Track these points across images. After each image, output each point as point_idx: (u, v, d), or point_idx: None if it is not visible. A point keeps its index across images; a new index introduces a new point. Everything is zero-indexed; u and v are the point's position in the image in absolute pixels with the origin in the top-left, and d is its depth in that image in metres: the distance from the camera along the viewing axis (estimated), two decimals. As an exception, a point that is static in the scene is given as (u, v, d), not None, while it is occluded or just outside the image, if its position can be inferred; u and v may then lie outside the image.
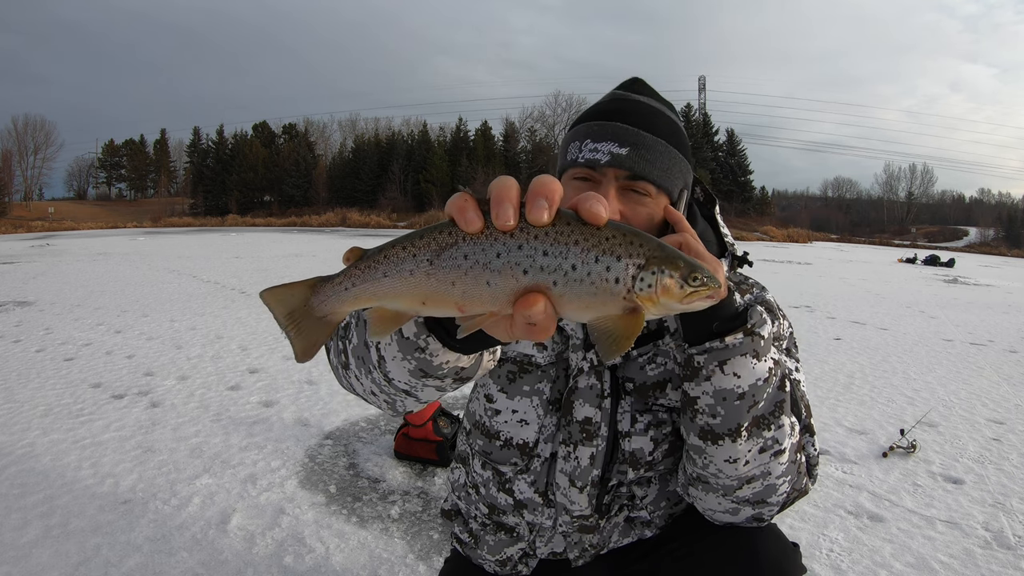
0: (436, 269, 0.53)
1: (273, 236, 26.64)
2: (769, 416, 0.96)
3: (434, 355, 0.77)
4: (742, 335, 0.92)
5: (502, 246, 0.52)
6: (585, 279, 0.52)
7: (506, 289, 0.52)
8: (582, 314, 0.54)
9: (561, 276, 0.52)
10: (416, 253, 0.54)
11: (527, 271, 0.52)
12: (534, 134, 55.55)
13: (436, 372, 0.80)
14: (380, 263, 0.56)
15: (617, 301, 0.53)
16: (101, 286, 8.71)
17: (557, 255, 0.51)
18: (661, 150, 1.04)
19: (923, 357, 5.52)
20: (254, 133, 57.97)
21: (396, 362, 0.81)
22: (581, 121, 1.11)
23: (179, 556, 2.05)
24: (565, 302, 0.53)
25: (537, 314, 0.51)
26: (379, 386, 0.89)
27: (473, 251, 0.52)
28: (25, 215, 43.15)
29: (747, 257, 1.13)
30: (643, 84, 1.14)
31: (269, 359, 4.65)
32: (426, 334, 0.75)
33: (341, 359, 0.96)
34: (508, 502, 1.19)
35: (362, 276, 0.57)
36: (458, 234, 0.53)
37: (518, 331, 0.54)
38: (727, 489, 1.01)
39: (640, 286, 0.53)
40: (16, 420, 3.23)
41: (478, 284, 0.53)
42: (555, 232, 0.52)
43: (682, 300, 0.55)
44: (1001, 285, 14.73)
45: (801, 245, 37.22)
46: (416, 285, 0.54)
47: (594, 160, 1.02)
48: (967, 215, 74.51)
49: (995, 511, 2.54)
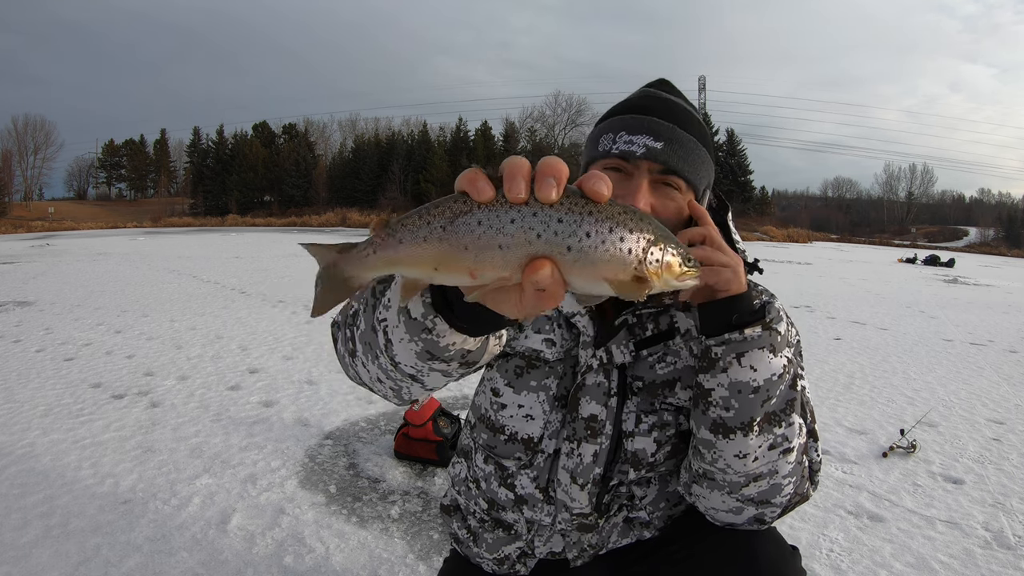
0: (449, 234, 0.55)
1: (273, 236, 26.64)
2: (780, 413, 0.96)
3: (441, 336, 0.77)
4: (760, 328, 0.94)
5: (516, 212, 0.54)
6: (600, 246, 0.54)
7: (518, 254, 0.54)
8: (591, 283, 0.56)
9: (576, 241, 0.53)
10: (431, 220, 0.56)
11: (540, 235, 0.53)
12: (534, 134, 55.54)
13: (442, 354, 0.80)
14: (397, 231, 0.58)
15: (628, 270, 0.55)
16: (101, 286, 8.71)
17: (572, 223, 0.53)
18: (693, 147, 1.06)
19: (923, 357, 5.52)
20: (254, 133, 57.94)
21: (403, 344, 0.81)
22: (611, 115, 1.12)
23: (179, 556, 2.05)
24: (577, 269, 0.54)
25: (544, 278, 0.52)
26: (385, 371, 0.90)
27: (487, 217, 0.54)
28: (25, 215, 43.13)
29: (757, 264, 1.14)
30: (671, 85, 1.18)
31: (269, 359, 4.65)
32: (433, 314, 0.76)
33: (348, 347, 0.97)
34: (508, 497, 1.19)
35: (382, 244, 0.59)
36: (472, 203, 0.55)
37: (527, 300, 0.55)
38: (733, 486, 1.01)
39: (650, 260, 0.56)
40: (16, 420, 3.23)
41: (490, 248, 0.54)
42: (569, 203, 0.54)
43: (678, 278, 0.59)
44: (1001, 285, 14.73)
45: (801, 245, 37.23)
46: (430, 250, 0.56)
47: (629, 152, 1.04)
48: (967, 215, 74.50)
49: (995, 511, 2.54)
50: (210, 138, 59.09)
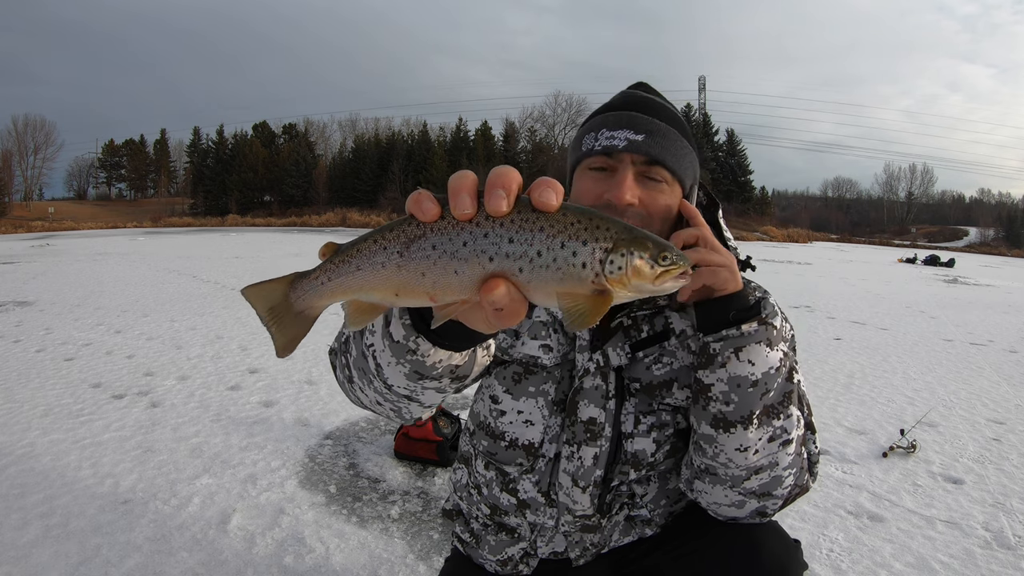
0: (406, 260, 0.54)
1: (273, 236, 26.65)
2: (779, 405, 0.98)
3: (426, 355, 0.77)
4: (757, 324, 0.95)
5: (468, 235, 0.53)
6: (551, 264, 0.52)
7: (474, 277, 0.53)
8: (550, 299, 0.54)
9: (527, 263, 0.52)
10: (387, 246, 0.55)
11: (493, 258, 0.52)
12: (534, 134, 55.60)
13: (431, 372, 0.80)
14: (353, 257, 0.57)
15: (585, 285, 0.53)
16: (101, 286, 8.71)
17: (522, 242, 0.52)
18: (674, 139, 1.08)
19: (923, 357, 5.52)
20: (254, 133, 57.97)
21: (392, 368, 0.82)
22: (593, 118, 1.14)
23: (179, 556, 2.05)
24: (533, 288, 0.53)
25: (500, 298, 0.52)
26: (382, 395, 0.91)
27: (440, 241, 0.53)
28: (25, 215, 43.14)
29: (750, 261, 1.14)
30: (648, 86, 1.19)
31: (269, 359, 4.64)
32: (415, 335, 0.76)
33: (345, 373, 0.98)
34: (511, 502, 1.19)
35: (336, 270, 0.58)
36: (425, 226, 0.54)
37: (491, 319, 0.54)
38: (735, 480, 1.02)
39: (610, 269, 0.53)
40: (16, 420, 3.23)
41: (447, 273, 0.54)
42: (520, 219, 0.52)
43: (654, 280, 0.55)
44: (1001, 285, 14.73)
45: (801, 245, 37.23)
46: (388, 277, 0.56)
47: (611, 147, 1.05)
48: (967, 215, 74.56)
49: (995, 511, 2.54)
50: (210, 138, 59.17)
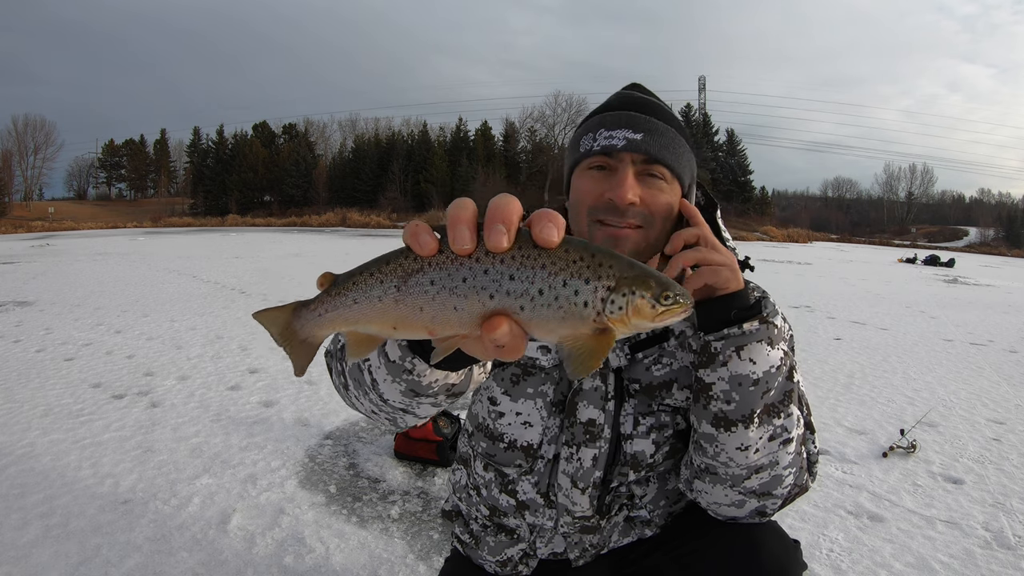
0: (404, 295, 0.53)
1: (273, 236, 26.64)
2: (779, 404, 0.98)
3: (422, 375, 0.78)
4: (758, 322, 0.96)
5: (468, 271, 0.51)
6: (553, 303, 0.51)
7: (473, 313, 0.52)
8: (551, 337, 0.54)
9: (528, 301, 0.51)
10: (383, 280, 0.54)
11: (493, 296, 0.51)
12: (534, 134, 55.57)
13: (427, 391, 0.81)
14: (350, 290, 0.56)
15: (587, 324, 0.52)
16: (101, 286, 8.71)
17: (524, 279, 0.51)
18: (672, 137, 1.08)
19: (923, 357, 5.52)
20: (254, 133, 57.97)
21: (387, 384, 0.83)
22: (590, 118, 1.14)
23: (179, 556, 2.05)
24: (533, 325, 0.52)
25: (502, 336, 0.51)
26: (377, 406, 0.91)
27: (439, 276, 0.52)
28: (25, 215, 43.13)
29: (748, 262, 1.14)
30: (644, 87, 1.19)
31: (269, 359, 4.65)
32: (411, 356, 0.76)
33: (341, 380, 0.98)
34: (510, 503, 1.19)
35: (333, 303, 0.58)
36: (423, 260, 0.53)
37: (490, 354, 0.54)
38: (735, 479, 1.02)
39: (611, 308, 0.52)
40: (16, 420, 3.23)
41: (445, 309, 0.53)
42: (521, 256, 0.51)
43: (654, 319, 0.54)
44: (1001, 285, 14.73)
45: (801, 245, 37.22)
46: (385, 311, 0.55)
47: (610, 146, 1.05)
48: (967, 215, 74.54)
49: (995, 511, 2.54)
50: (210, 138, 59.16)
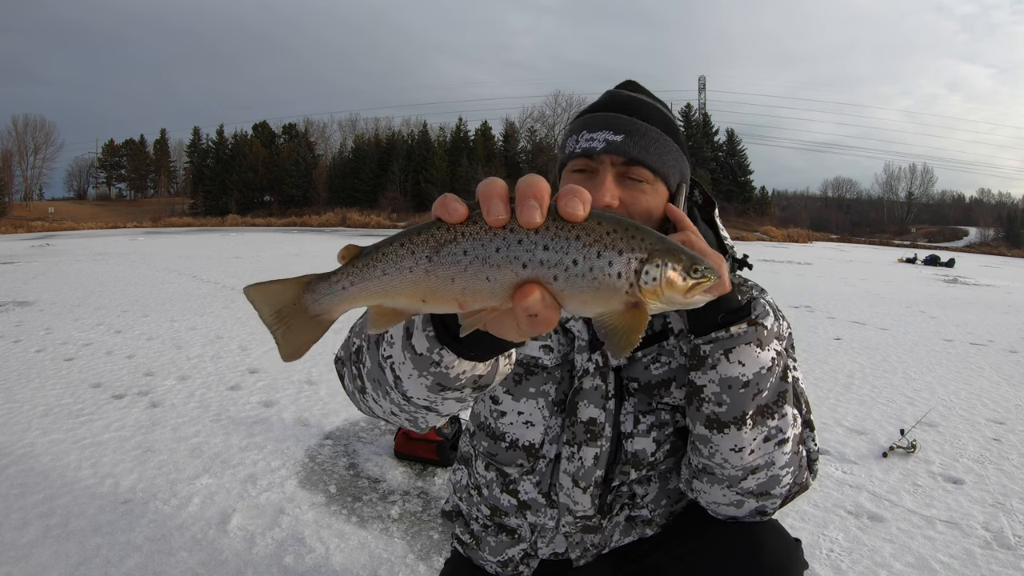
0: (435, 266, 0.53)
1: (273, 236, 26.65)
2: (773, 405, 0.98)
3: (450, 367, 0.76)
4: (746, 325, 0.96)
5: (501, 240, 0.51)
6: (587, 274, 0.51)
7: (505, 284, 0.52)
8: (584, 309, 0.54)
9: (562, 271, 0.51)
10: (415, 250, 0.53)
11: (527, 265, 0.51)
12: (534, 134, 55.56)
13: (454, 384, 0.79)
14: (379, 261, 0.55)
15: (619, 295, 0.52)
16: (101, 286, 8.71)
17: (558, 250, 0.51)
18: (655, 137, 1.07)
19: (923, 357, 5.52)
20: (254, 133, 57.97)
21: (412, 380, 0.80)
22: (576, 120, 1.14)
23: (179, 556, 2.04)
24: (567, 297, 0.52)
25: (535, 304, 0.51)
26: (398, 406, 0.89)
27: (472, 247, 0.52)
28: (25, 215, 43.14)
29: (747, 260, 1.14)
30: (636, 84, 1.18)
31: (269, 359, 4.64)
32: (439, 347, 0.74)
33: (357, 384, 0.95)
34: (511, 503, 1.19)
35: (360, 274, 0.56)
36: (456, 230, 0.52)
37: (522, 325, 0.53)
38: (732, 480, 1.02)
39: (645, 279, 0.52)
40: (16, 420, 3.23)
41: (478, 279, 0.52)
42: (555, 227, 0.51)
43: (685, 293, 0.54)
44: (1001, 285, 14.73)
45: (801, 245, 37.22)
46: (416, 282, 0.54)
47: (590, 149, 1.05)
48: (967, 215, 74.55)
49: (995, 511, 2.54)
50: (210, 138, 59.17)
